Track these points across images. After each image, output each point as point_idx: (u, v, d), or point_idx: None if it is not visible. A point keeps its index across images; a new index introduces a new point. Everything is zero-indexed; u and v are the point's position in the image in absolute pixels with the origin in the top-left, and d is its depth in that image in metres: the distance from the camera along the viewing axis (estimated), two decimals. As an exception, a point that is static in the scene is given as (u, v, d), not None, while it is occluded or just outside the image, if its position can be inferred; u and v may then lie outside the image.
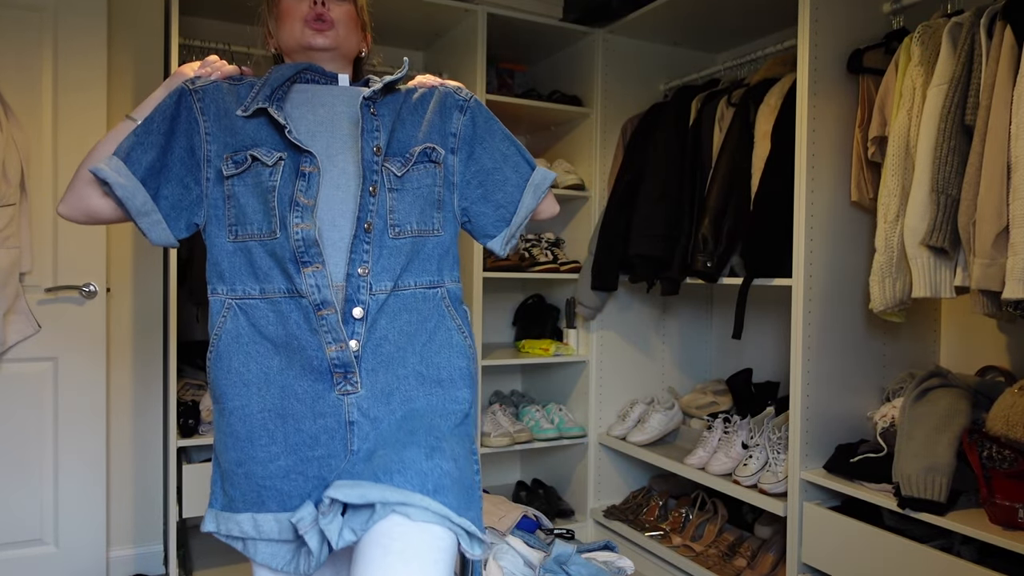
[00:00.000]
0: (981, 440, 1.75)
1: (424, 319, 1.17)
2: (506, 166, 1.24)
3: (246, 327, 1.12)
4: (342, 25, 1.22)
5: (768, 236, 2.15)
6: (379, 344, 1.12)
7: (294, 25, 1.20)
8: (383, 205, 1.13)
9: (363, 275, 1.10)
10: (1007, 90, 1.63)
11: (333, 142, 1.15)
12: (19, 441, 2.24)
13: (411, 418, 1.12)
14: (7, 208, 2.13)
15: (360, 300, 1.10)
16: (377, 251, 1.12)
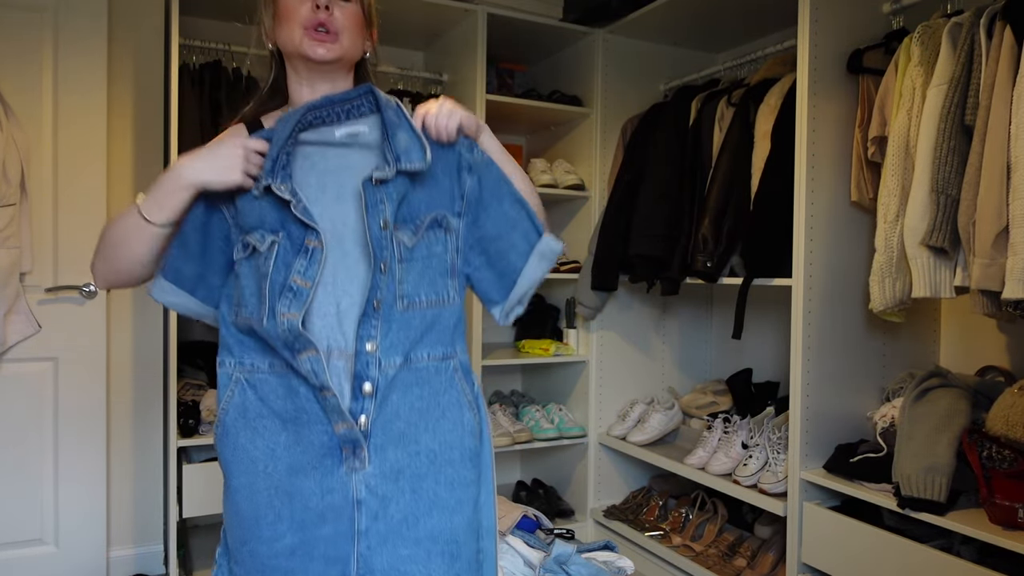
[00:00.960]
0: (981, 440, 1.75)
1: (436, 393, 1.11)
2: (514, 232, 1.15)
3: (254, 401, 1.09)
4: (347, 33, 1.13)
5: (768, 236, 2.15)
6: (389, 420, 1.08)
7: (293, 30, 1.12)
8: (392, 278, 1.07)
9: (372, 351, 1.05)
10: (1007, 90, 1.63)
11: (342, 205, 1.08)
12: (19, 441, 2.24)
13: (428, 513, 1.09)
14: (7, 208, 2.13)
15: (369, 376, 1.05)
16: (386, 326, 1.06)
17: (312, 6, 1.11)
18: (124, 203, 2.54)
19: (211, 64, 2.48)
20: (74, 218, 2.29)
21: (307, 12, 1.11)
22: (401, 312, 1.07)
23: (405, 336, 1.08)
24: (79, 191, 2.29)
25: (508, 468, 3.27)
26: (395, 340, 1.07)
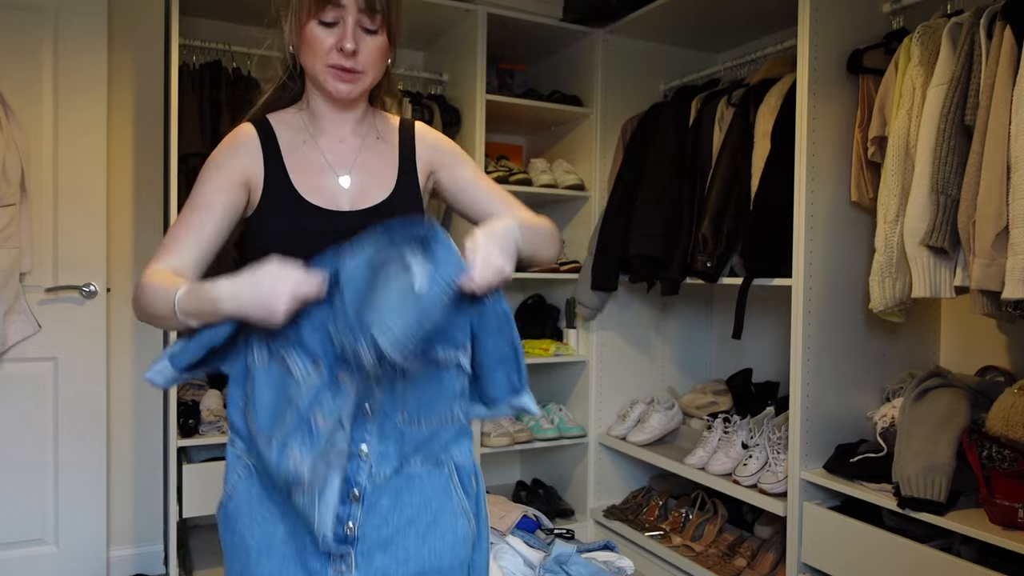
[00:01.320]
0: (981, 440, 1.75)
1: (428, 500, 1.08)
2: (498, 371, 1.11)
3: (258, 489, 1.08)
4: (371, 68, 1.12)
5: (768, 236, 2.15)
6: (377, 526, 1.05)
7: (315, 63, 1.11)
8: (391, 391, 1.04)
9: (364, 456, 1.03)
10: (1007, 90, 1.63)
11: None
12: (19, 441, 2.24)
13: None
14: (7, 208, 2.14)
15: (359, 482, 1.03)
16: (381, 432, 1.05)
17: (337, 48, 1.09)
18: (124, 203, 2.54)
19: (211, 64, 2.48)
20: (74, 218, 2.29)
21: (332, 52, 1.09)
22: (401, 425, 1.05)
23: (401, 446, 1.05)
24: (79, 191, 2.29)
25: (508, 468, 3.27)
26: (390, 448, 1.05)
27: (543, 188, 2.82)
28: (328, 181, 1.16)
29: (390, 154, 1.21)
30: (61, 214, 2.27)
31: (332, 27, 1.09)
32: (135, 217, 2.57)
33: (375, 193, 1.17)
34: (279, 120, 1.20)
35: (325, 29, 1.09)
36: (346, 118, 1.19)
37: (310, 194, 1.13)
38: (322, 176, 1.16)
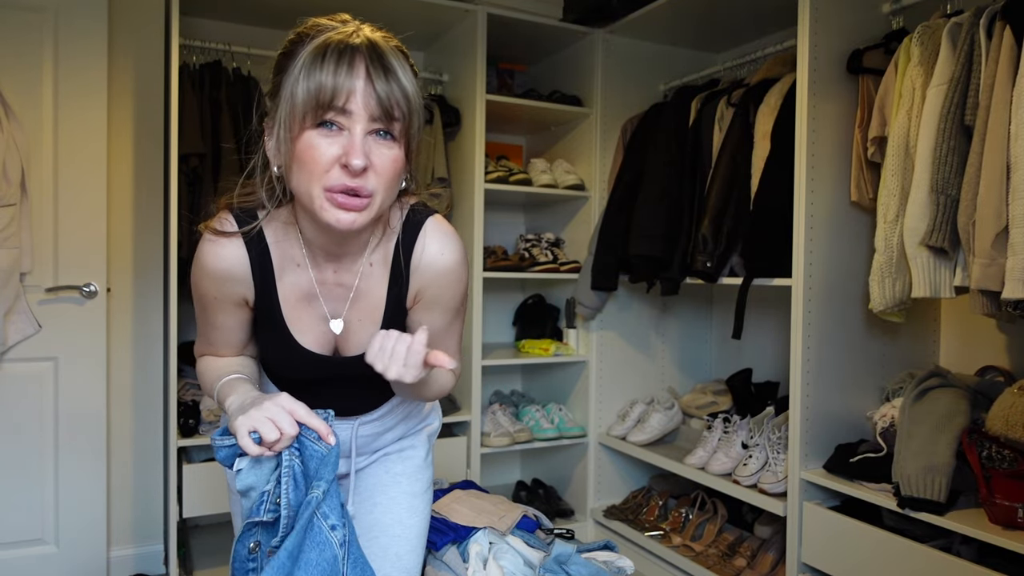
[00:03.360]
0: (981, 440, 1.75)
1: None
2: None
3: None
4: (383, 190, 0.89)
5: (768, 236, 2.15)
6: None
7: (311, 184, 0.87)
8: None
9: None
10: (1007, 90, 1.63)
11: None
12: (19, 441, 2.24)
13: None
14: (7, 208, 2.14)
15: None
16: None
17: (340, 163, 0.86)
18: (124, 203, 2.54)
19: (211, 64, 2.48)
20: (74, 218, 2.29)
21: (335, 170, 0.87)
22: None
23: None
24: (79, 191, 2.29)
25: (508, 468, 3.27)
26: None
27: (543, 188, 2.82)
28: (319, 326, 1.06)
29: (380, 288, 1.06)
30: (61, 214, 2.27)
31: (335, 137, 0.87)
32: (135, 217, 2.57)
33: (360, 339, 1.07)
34: (274, 232, 1.02)
35: (325, 137, 0.87)
36: (343, 250, 1.01)
37: (301, 334, 1.05)
38: (313, 318, 1.06)
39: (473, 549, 1.93)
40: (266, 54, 2.56)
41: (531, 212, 3.29)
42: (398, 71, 0.88)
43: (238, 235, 0.99)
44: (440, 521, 1.91)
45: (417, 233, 1.03)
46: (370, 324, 1.06)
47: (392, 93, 0.87)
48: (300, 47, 0.90)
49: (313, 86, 0.85)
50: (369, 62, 0.86)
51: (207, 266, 1.01)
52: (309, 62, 0.86)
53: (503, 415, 2.83)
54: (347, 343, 1.09)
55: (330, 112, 0.86)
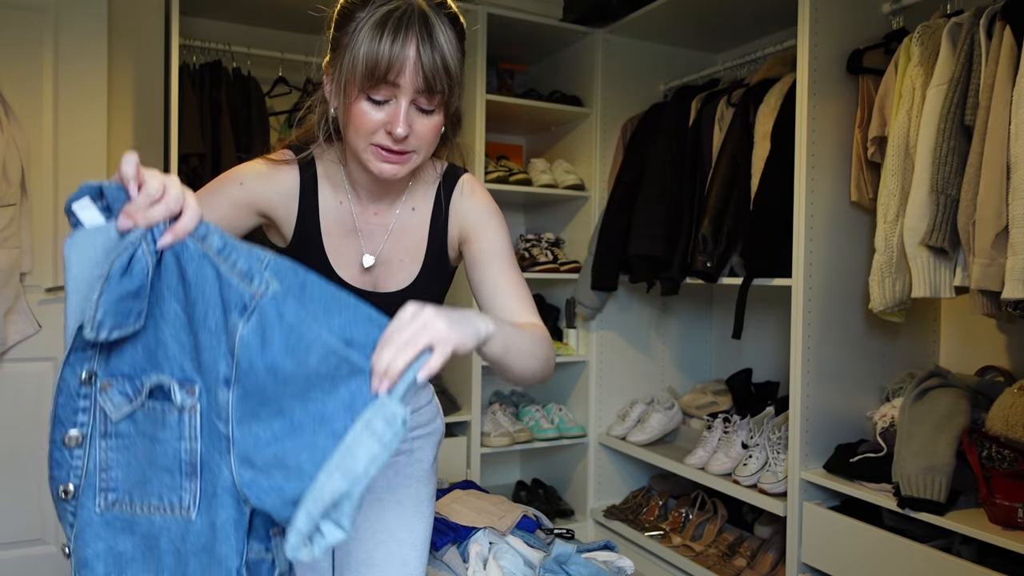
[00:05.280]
0: (981, 440, 1.75)
1: None
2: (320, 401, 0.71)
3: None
4: (423, 148, 1.01)
5: (768, 236, 2.15)
6: None
7: (359, 139, 0.99)
8: (89, 459, 0.77)
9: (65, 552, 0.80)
10: (1006, 90, 1.63)
11: None
12: (19, 441, 2.24)
13: None
14: (7, 208, 2.14)
15: None
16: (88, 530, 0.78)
17: (386, 129, 0.97)
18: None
19: (211, 64, 2.48)
20: (74, 218, 2.29)
21: (380, 131, 0.98)
22: (102, 512, 0.78)
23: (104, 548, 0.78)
24: (79, 191, 2.29)
25: (508, 468, 3.27)
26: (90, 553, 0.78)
27: (543, 188, 2.82)
28: (354, 257, 1.11)
29: (420, 231, 1.13)
30: (61, 214, 2.27)
31: (383, 105, 0.97)
32: (135, 217, 2.57)
33: (399, 277, 1.12)
34: (324, 168, 1.11)
35: (375, 107, 0.97)
36: (384, 190, 1.11)
37: (339, 267, 1.10)
38: (352, 252, 1.11)
39: (473, 549, 1.93)
40: (266, 54, 2.56)
41: (531, 212, 3.29)
42: (444, 47, 0.96)
43: (294, 161, 1.08)
44: (440, 521, 1.91)
45: (455, 183, 1.14)
46: (411, 263, 1.12)
47: (437, 70, 0.96)
48: (360, 9, 0.96)
49: (371, 57, 0.93)
50: (419, 38, 0.94)
51: (259, 165, 1.08)
52: (370, 32, 0.94)
53: (503, 415, 2.83)
54: (388, 280, 1.13)
55: (382, 85, 0.94)
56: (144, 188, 0.72)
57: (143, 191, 0.72)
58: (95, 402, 0.77)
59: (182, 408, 0.75)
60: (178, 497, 0.76)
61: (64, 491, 0.77)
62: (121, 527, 0.78)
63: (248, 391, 0.72)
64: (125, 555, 0.78)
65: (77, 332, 0.73)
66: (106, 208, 0.73)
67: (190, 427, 0.75)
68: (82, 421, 0.77)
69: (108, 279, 0.70)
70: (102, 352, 0.76)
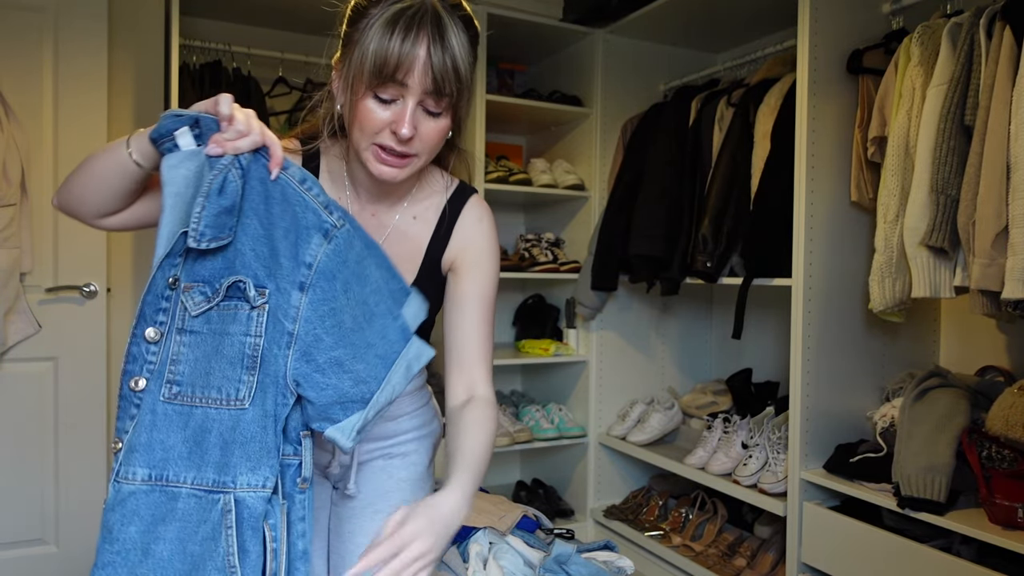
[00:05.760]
0: (981, 440, 1.75)
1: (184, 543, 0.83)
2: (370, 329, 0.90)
3: None
4: (426, 152, 1.00)
5: (768, 236, 2.15)
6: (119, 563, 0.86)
7: (362, 137, 0.98)
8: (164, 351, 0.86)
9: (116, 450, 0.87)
10: (1006, 90, 1.63)
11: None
12: (19, 441, 2.24)
13: None
14: (7, 208, 2.13)
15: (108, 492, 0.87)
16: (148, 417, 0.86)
17: (390, 129, 0.96)
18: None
19: (211, 64, 2.48)
20: (74, 218, 2.29)
21: (385, 132, 0.96)
22: (164, 403, 0.86)
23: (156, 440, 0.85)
24: (79, 191, 2.29)
25: (508, 468, 3.27)
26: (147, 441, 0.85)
27: (543, 188, 2.82)
28: None
29: (419, 241, 1.11)
30: (61, 214, 2.27)
31: (389, 105, 0.95)
32: (135, 217, 2.57)
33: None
34: (328, 162, 1.11)
35: (381, 105, 0.95)
36: (386, 192, 1.09)
37: None
38: None
39: (473, 549, 1.93)
40: (266, 54, 2.56)
41: (531, 212, 3.29)
42: (455, 49, 0.95)
43: (298, 152, 1.09)
44: (440, 521, 1.91)
45: (463, 203, 1.13)
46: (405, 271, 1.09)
47: (446, 71, 0.94)
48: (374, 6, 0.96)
49: (381, 54, 0.93)
50: (431, 38, 0.93)
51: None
52: (381, 28, 0.93)
53: (503, 415, 2.83)
54: None
55: (390, 83, 0.94)
56: (234, 122, 0.86)
57: (232, 125, 0.86)
58: (176, 303, 0.88)
59: (253, 305, 0.86)
60: (235, 389, 0.86)
61: (134, 384, 0.88)
62: (177, 419, 0.86)
63: (319, 299, 0.86)
64: (173, 450, 0.85)
65: (176, 239, 0.86)
66: (198, 136, 0.87)
67: (257, 323, 0.86)
68: (162, 320, 0.89)
69: (208, 196, 0.83)
70: (187, 260, 0.88)
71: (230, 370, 0.85)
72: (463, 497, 0.93)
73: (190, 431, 0.85)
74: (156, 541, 0.82)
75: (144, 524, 0.83)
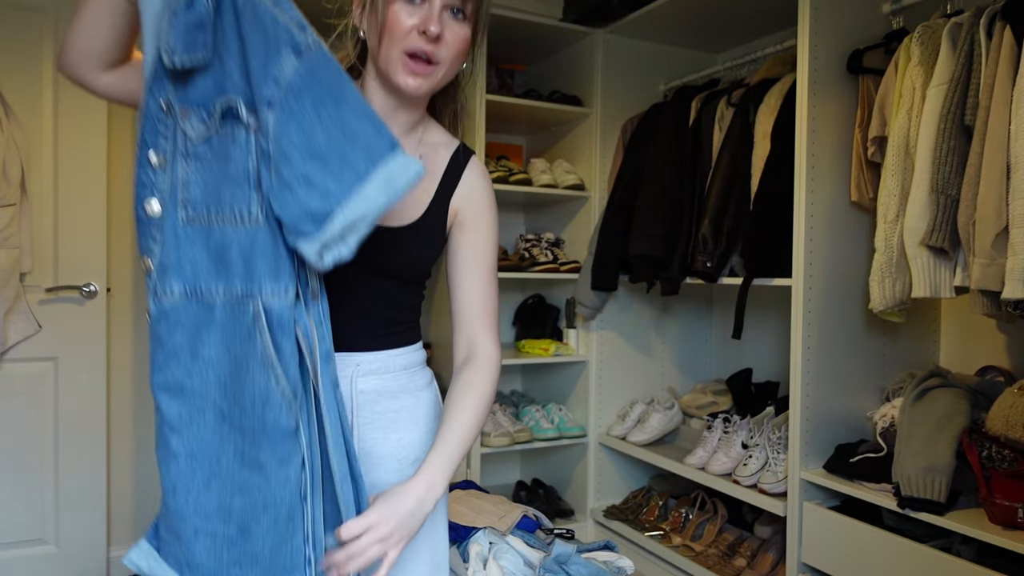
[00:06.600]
0: (981, 440, 1.75)
1: (231, 344, 0.90)
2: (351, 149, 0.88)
3: None
4: (449, 63, 1.03)
5: (768, 236, 2.15)
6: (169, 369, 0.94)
7: (392, 46, 1.00)
8: (172, 175, 0.91)
9: (149, 271, 0.92)
10: (1006, 90, 1.63)
11: None
12: (19, 441, 2.24)
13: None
14: (7, 208, 2.14)
15: (148, 307, 0.93)
16: (172, 239, 0.91)
17: (420, 30, 0.99)
18: (125, 203, 2.54)
19: (211, 64, 2.47)
20: (74, 218, 2.29)
21: (413, 35, 0.99)
22: (184, 224, 0.91)
23: (185, 258, 0.91)
24: (79, 191, 2.29)
25: (508, 468, 3.27)
26: (172, 260, 0.91)
27: (543, 188, 2.82)
28: None
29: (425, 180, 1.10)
30: (61, 214, 2.27)
31: (416, 8, 1.00)
32: (135, 217, 2.57)
33: (395, 214, 1.08)
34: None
35: (409, 7, 0.99)
36: (396, 119, 1.10)
37: None
38: None
39: (473, 549, 1.94)
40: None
41: (531, 212, 3.29)
42: None
43: None
44: (440, 521, 1.90)
45: (469, 158, 1.16)
46: (411, 203, 1.10)
47: None
48: None
49: None
50: None
51: None
52: None
53: (503, 415, 2.83)
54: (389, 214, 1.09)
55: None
56: None
57: None
58: (176, 130, 0.89)
59: (248, 126, 0.88)
60: (247, 207, 0.88)
61: (148, 209, 0.90)
62: (199, 239, 0.90)
63: (285, 116, 0.85)
64: (200, 266, 0.90)
65: (156, 61, 0.87)
66: None
67: (256, 144, 0.88)
68: (164, 147, 0.90)
69: (176, 12, 0.84)
70: (177, 84, 0.88)
71: (239, 191, 0.88)
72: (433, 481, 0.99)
73: (212, 249, 0.90)
74: (202, 345, 0.90)
75: (188, 332, 0.90)
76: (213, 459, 0.91)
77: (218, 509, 0.91)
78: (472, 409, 1.07)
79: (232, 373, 0.90)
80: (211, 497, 0.91)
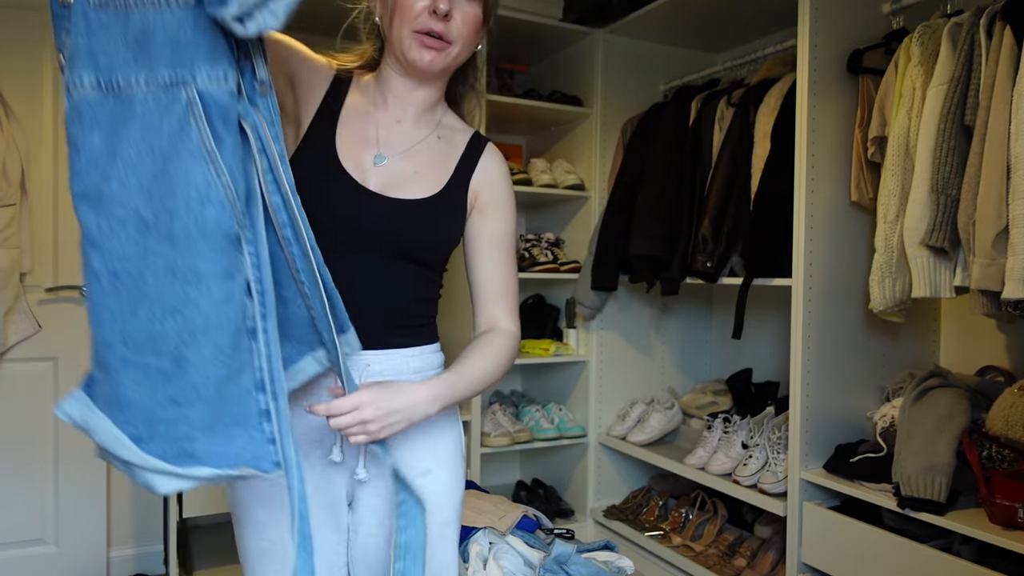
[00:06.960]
0: (981, 440, 1.75)
1: (151, 139, 0.79)
2: None
3: None
4: (461, 41, 1.04)
5: (768, 236, 2.15)
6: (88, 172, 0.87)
7: (403, 28, 1.02)
8: None
9: (59, 65, 0.81)
10: (1007, 90, 1.63)
11: None
12: (19, 441, 2.25)
13: None
14: (7, 208, 2.14)
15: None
16: (82, 23, 0.78)
17: (430, 10, 1.01)
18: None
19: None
20: (74, 218, 2.28)
21: (424, 14, 1.01)
22: (94, 10, 0.78)
23: (97, 46, 0.78)
24: (79, 191, 2.29)
25: (508, 468, 3.27)
26: (81, 48, 0.79)
27: (543, 188, 2.82)
28: (363, 152, 1.07)
29: (444, 159, 1.12)
30: (61, 214, 2.28)
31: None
32: (135, 217, 2.57)
33: (414, 187, 1.07)
34: (358, 83, 1.12)
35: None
36: (413, 99, 1.10)
37: (344, 156, 1.06)
38: (362, 147, 1.07)
39: (473, 549, 1.94)
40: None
41: (531, 212, 3.29)
42: None
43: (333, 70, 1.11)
44: (440, 521, 1.91)
45: (486, 143, 1.17)
46: (430, 179, 1.09)
47: None
48: None
49: None
50: None
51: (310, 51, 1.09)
52: None
53: (503, 415, 2.83)
54: (398, 187, 1.07)
55: None
56: None
57: None
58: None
59: None
60: None
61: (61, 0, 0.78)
62: (113, 24, 0.78)
63: None
64: (117, 56, 0.78)
65: None
66: None
67: None
68: None
69: None
70: None
71: None
72: (431, 396, 1.00)
73: (131, 36, 0.78)
74: (121, 144, 0.80)
75: (104, 131, 0.80)
76: (138, 277, 0.81)
77: (149, 338, 0.80)
78: (491, 357, 1.08)
79: (159, 175, 0.79)
80: (139, 323, 0.80)
